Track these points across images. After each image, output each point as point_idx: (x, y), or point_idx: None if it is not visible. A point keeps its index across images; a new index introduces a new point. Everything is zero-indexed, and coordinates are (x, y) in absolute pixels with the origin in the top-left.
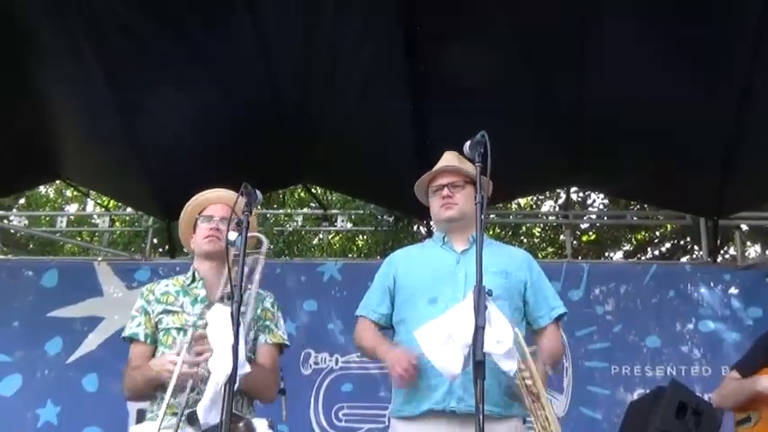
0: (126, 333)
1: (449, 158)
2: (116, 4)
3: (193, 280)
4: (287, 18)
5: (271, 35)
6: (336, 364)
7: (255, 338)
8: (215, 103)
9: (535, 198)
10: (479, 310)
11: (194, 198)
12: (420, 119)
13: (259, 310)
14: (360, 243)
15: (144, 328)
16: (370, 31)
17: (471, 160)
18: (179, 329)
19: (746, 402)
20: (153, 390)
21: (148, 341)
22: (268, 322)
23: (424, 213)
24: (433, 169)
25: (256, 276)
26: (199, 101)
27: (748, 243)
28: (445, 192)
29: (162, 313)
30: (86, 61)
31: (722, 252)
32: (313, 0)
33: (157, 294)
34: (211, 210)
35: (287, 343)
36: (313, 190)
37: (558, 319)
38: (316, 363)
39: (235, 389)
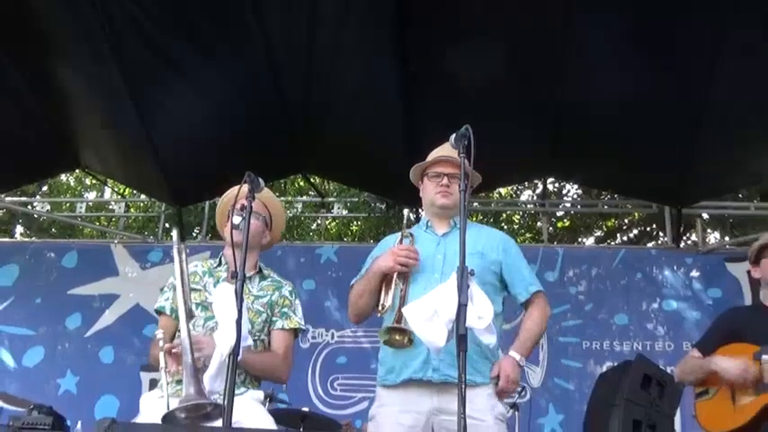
0: (156, 305)
1: (449, 150)
2: (133, 7)
3: (219, 264)
4: (290, 23)
5: (275, 38)
6: (332, 338)
7: (272, 323)
8: (223, 99)
9: (515, 188)
10: (462, 288)
11: (227, 192)
12: (410, 116)
13: (276, 296)
14: (354, 228)
15: (170, 302)
16: (365, 35)
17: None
18: (198, 305)
19: (704, 379)
20: None
21: (173, 315)
22: (285, 309)
23: (412, 201)
24: (437, 156)
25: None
26: (208, 98)
27: (709, 230)
28: (444, 181)
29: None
30: (105, 61)
31: (685, 238)
32: (314, 6)
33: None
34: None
35: (303, 327)
36: (312, 179)
37: (537, 294)
38: (313, 337)
39: (238, 359)
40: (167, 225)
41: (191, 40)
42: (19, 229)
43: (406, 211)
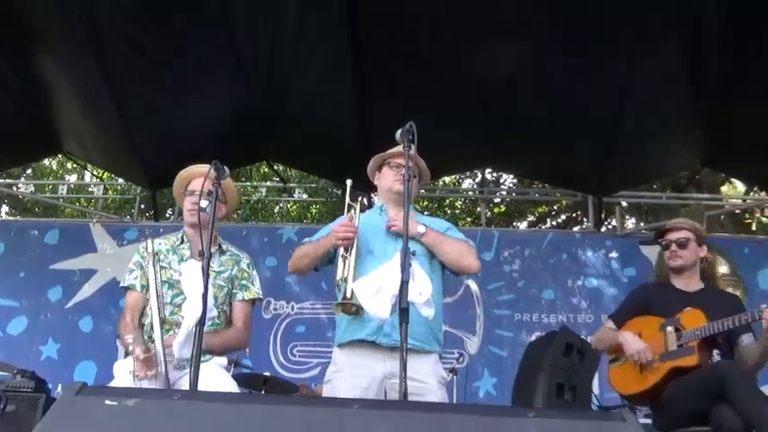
0: (124, 283)
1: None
2: (111, 5)
3: (182, 242)
4: (254, 24)
5: (241, 39)
6: (292, 310)
7: (233, 296)
8: (194, 92)
9: (457, 176)
10: (405, 267)
11: (182, 172)
12: (363, 112)
13: (236, 270)
14: (313, 211)
15: (140, 279)
16: (324, 34)
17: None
18: (164, 282)
19: (614, 348)
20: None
21: (143, 291)
22: (244, 281)
23: (366, 188)
24: (399, 150)
25: None
26: (180, 91)
27: (626, 216)
28: (404, 170)
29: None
30: (85, 55)
31: (605, 223)
32: (277, 6)
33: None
34: (194, 184)
35: (261, 297)
36: (275, 167)
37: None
38: (275, 309)
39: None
40: (142, 206)
41: (164, 33)
42: (4, 208)
43: (349, 182)
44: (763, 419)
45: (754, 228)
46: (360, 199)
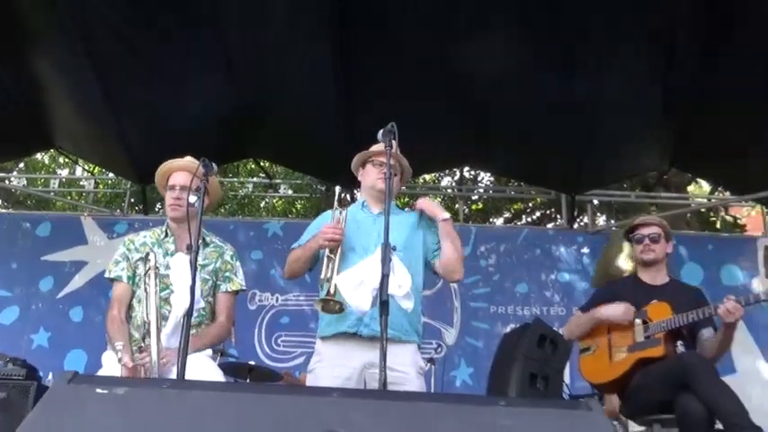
0: (111, 275)
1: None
2: (105, 8)
3: (166, 235)
4: (243, 25)
5: (230, 38)
6: (277, 301)
7: (217, 287)
8: (183, 91)
9: (437, 174)
10: (385, 261)
11: (161, 166)
12: (348, 110)
13: (219, 263)
14: (298, 206)
15: (126, 271)
16: (310, 36)
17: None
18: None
19: (588, 332)
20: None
21: (130, 282)
22: (228, 273)
23: (349, 185)
24: (381, 148)
25: None
26: (170, 89)
27: (598, 213)
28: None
29: (139, 261)
30: (77, 54)
31: (578, 220)
32: (265, 11)
33: (137, 244)
34: (174, 178)
35: (244, 288)
36: (261, 163)
37: None
38: (260, 300)
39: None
40: (132, 200)
41: (153, 33)
42: None
43: (338, 189)
44: (725, 407)
45: (718, 226)
46: (342, 196)
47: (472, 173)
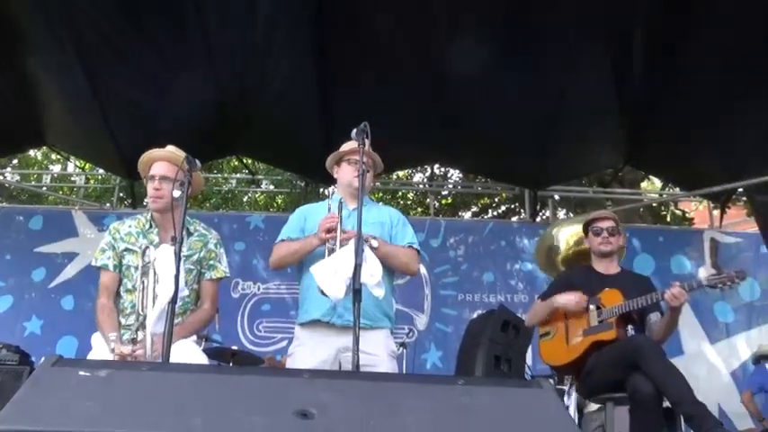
0: (98, 263)
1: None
2: (93, 10)
3: (151, 226)
4: (226, 25)
5: (213, 39)
6: (258, 290)
7: (201, 275)
8: (168, 90)
9: (409, 171)
10: (358, 252)
11: (142, 156)
12: (325, 111)
13: (204, 252)
14: (279, 201)
15: (112, 260)
16: (290, 37)
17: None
18: (135, 268)
19: (546, 319)
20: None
21: (116, 270)
22: (212, 261)
23: (327, 181)
24: (353, 147)
25: None
26: (156, 89)
27: (558, 208)
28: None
29: (125, 251)
30: (68, 54)
31: (540, 214)
32: (248, 8)
33: (122, 234)
34: (155, 169)
35: (228, 275)
36: (244, 160)
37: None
38: (243, 289)
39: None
40: (121, 195)
41: (140, 34)
42: None
43: (331, 189)
44: (672, 386)
45: (668, 219)
46: (331, 192)
47: (442, 170)
